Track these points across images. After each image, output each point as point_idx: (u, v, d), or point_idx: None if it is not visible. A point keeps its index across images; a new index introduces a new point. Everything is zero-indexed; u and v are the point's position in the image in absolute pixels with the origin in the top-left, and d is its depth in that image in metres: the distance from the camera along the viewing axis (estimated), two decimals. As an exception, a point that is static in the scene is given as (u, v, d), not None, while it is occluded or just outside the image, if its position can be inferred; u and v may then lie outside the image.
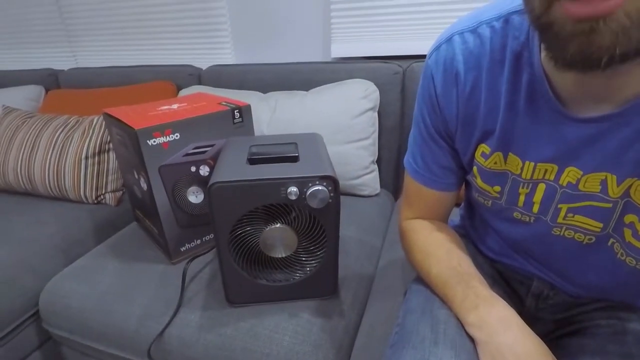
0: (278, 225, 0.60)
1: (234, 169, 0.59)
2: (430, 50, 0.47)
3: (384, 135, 1.09)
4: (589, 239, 0.43)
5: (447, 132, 0.48)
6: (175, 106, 0.81)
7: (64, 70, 1.56)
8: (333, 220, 0.60)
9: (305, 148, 0.67)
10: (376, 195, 1.09)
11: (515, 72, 0.39)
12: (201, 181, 0.79)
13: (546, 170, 0.41)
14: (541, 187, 0.42)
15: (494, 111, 0.42)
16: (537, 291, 0.54)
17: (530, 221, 0.46)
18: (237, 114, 0.79)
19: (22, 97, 1.48)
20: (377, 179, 1.09)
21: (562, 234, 0.44)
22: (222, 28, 1.34)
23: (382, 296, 0.71)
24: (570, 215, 0.42)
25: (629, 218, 0.38)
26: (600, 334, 0.47)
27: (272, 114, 1.06)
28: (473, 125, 0.45)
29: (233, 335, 0.64)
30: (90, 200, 1.09)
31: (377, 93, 1.03)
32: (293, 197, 0.56)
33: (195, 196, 0.79)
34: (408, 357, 0.40)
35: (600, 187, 0.38)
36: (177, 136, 0.72)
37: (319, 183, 0.56)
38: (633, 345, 0.43)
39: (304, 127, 1.01)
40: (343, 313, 0.68)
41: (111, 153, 1.11)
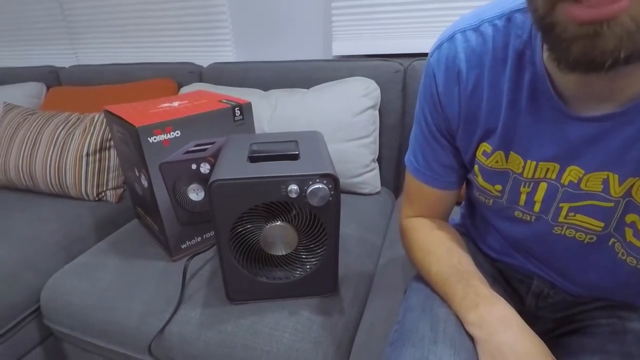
0: (278, 223, 0.60)
1: (235, 167, 0.59)
2: (432, 48, 0.46)
3: (385, 133, 1.08)
4: (590, 239, 0.42)
5: (449, 131, 0.48)
6: (176, 104, 0.81)
7: (65, 67, 1.56)
8: (333, 218, 0.60)
9: (305, 146, 0.67)
10: (377, 193, 1.09)
11: (517, 71, 0.39)
12: (202, 179, 0.79)
13: (548, 169, 0.41)
14: (542, 186, 0.42)
15: (496, 110, 0.42)
16: (538, 290, 0.54)
17: (531, 220, 0.46)
18: (238, 112, 0.79)
19: (23, 94, 1.48)
20: (378, 177, 1.09)
21: (563, 233, 0.44)
22: (223, 26, 1.33)
23: (382, 294, 0.71)
24: (571, 214, 0.42)
25: (631, 218, 0.38)
26: (600, 333, 0.47)
27: (273, 112, 1.06)
28: (475, 123, 0.44)
29: (233, 332, 0.64)
30: (91, 197, 1.10)
31: (378, 91, 1.03)
32: (293, 195, 0.56)
33: (195, 194, 0.79)
34: (407, 356, 0.40)
35: (602, 187, 0.38)
36: (178, 134, 0.72)
37: (320, 181, 0.56)
38: (633, 344, 0.43)
39: (305, 125, 1.01)
40: (343, 311, 0.68)
41: (112, 150, 1.11)
